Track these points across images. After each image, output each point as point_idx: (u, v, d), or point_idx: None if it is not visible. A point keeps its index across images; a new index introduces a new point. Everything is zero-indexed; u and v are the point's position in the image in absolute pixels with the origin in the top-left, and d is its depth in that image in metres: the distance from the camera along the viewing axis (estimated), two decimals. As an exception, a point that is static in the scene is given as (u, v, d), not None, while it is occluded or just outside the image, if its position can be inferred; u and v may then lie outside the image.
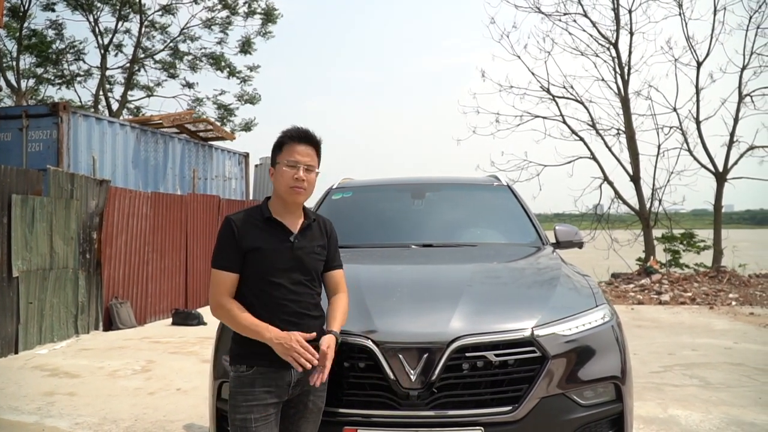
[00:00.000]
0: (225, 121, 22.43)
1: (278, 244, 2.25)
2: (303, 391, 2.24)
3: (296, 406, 2.26)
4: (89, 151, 9.98)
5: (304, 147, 2.28)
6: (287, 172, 2.25)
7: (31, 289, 7.31)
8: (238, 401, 2.19)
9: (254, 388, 2.18)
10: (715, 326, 8.50)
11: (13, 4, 19.29)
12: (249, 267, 2.23)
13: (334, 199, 4.40)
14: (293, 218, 2.33)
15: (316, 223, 2.39)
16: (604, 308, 2.76)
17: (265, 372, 2.18)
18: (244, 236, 2.23)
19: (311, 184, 2.30)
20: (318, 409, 2.30)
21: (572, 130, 15.37)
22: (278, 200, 2.33)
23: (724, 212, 15.12)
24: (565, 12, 15.18)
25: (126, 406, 4.94)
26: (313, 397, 2.27)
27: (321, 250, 2.35)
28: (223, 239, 2.25)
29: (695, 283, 12.55)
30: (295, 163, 2.25)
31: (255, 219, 2.29)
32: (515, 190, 4.40)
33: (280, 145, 2.31)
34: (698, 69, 14.50)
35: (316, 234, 2.36)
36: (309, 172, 2.28)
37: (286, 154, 2.28)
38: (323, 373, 2.17)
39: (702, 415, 4.53)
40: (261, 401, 2.17)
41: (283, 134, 2.33)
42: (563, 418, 2.47)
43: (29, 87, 20.98)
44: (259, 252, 2.22)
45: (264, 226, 2.28)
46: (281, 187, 2.28)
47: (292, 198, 2.28)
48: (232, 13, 21.63)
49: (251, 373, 2.19)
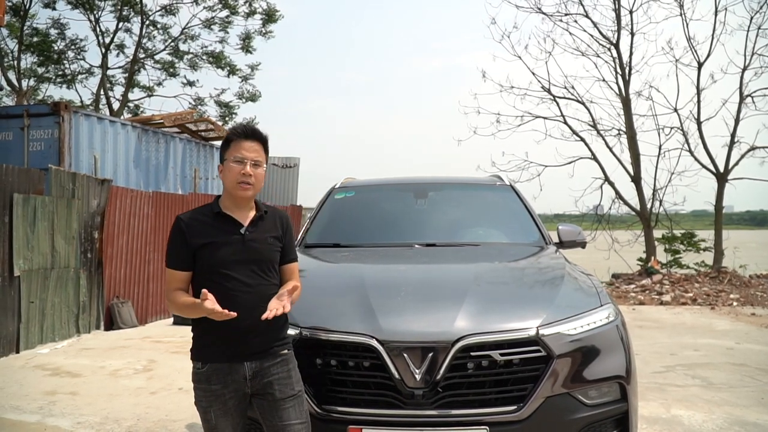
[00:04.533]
0: (226, 120, 22.44)
1: (228, 236, 2.28)
2: (265, 382, 2.26)
3: (265, 398, 2.28)
4: (91, 151, 9.97)
5: (250, 143, 2.32)
6: (234, 168, 2.30)
7: (33, 288, 7.30)
8: (198, 396, 2.29)
9: (210, 384, 2.25)
10: (716, 327, 8.50)
11: (15, 3, 19.29)
12: (202, 261, 2.27)
13: (336, 199, 4.40)
14: (243, 212, 2.35)
15: (269, 215, 2.41)
16: (608, 308, 2.75)
17: (219, 367, 2.24)
18: (193, 234, 2.27)
19: (259, 179, 2.33)
20: (291, 396, 2.28)
21: (573, 131, 15.38)
22: (228, 196, 2.36)
23: (725, 213, 15.12)
24: (566, 12, 15.20)
25: (128, 405, 4.93)
26: (278, 386, 2.27)
27: (274, 240, 2.36)
28: (172, 238, 2.31)
29: (696, 283, 12.55)
30: (242, 158, 2.29)
31: (204, 216, 2.34)
32: (518, 190, 4.40)
33: (227, 142, 2.36)
34: (699, 69, 14.51)
35: (269, 225, 2.38)
36: (256, 167, 2.32)
37: (233, 151, 2.32)
38: (278, 309, 2.16)
39: (705, 415, 4.52)
40: (218, 395, 2.24)
41: (229, 131, 2.40)
42: (568, 417, 2.46)
43: (30, 86, 20.96)
44: (209, 246, 2.25)
45: (213, 221, 2.31)
46: (229, 183, 2.32)
47: (240, 193, 2.31)
48: (233, 13, 21.64)
49: (206, 370, 2.25)
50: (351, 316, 2.55)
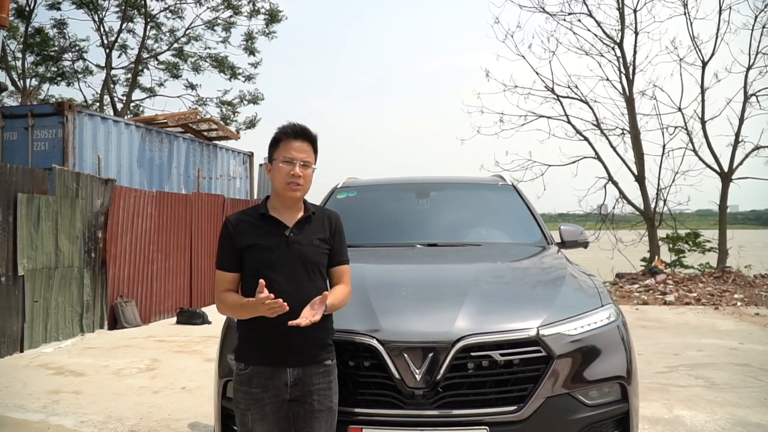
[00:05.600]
0: (229, 121, 22.46)
1: (273, 239, 2.26)
2: (306, 391, 2.24)
3: (303, 406, 2.26)
4: (94, 151, 10.00)
5: (300, 143, 2.28)
6: (283, 169, 2.26)
7: (37, 287, 7.33)
8: (237, 397, 2.28)
9: (251, 387, 2.24)
10: (720, 327, 8.47)
11: (20, 4, 19.35)
12: (247, 264, 2.26)
13: (338, 199, 4.40)
14: (291, 213, 2.33)
15: (317, 216, 2.37)
16: (609, 308, 2.75)
17: (262, 371, 2.23)
18: (240, 235, 2.27)
19: (308, 180, 2.31)
20: (327, 408, 2.28)
21: (577, 130, 15.34)
22: (276, 197, 2.34)
23: (730, 212, 15.07)
24: (570, 12, 15.16)
25: (131, 404, 4.95)
26: (317, 397, 2.25)
27: (321, 242, 2.32)
28: (222, 240, 2.32)
29: (700, 283, 12.51)
30: (291, 159, 2.26)
31: (251, 217, 2.33)
32: (520, 190, 4.39)
33: (276, 142, 2.32)
34: (703, 69, 14.46)
35: (316, 227, 2.34)
36: (305, 168, 2.29)
37: (282, 151, 2.28)
38: (308, 318, 2.09)
39: (707, 415, 4.51)
40: (257, 399, 2.23)
41: (279, 131, 2.33)
42: (568, 417, 2.46)
43: (32, 86, 21.03)
44: (254, 248, 2.25)
45: (259, 223, 2.30)
46: (278, 183, 2.29)
47: (289, 194, 2.28)
48: (236, 13, 21.66)
49: (248, 372, 2.25)
50: (351, 315, 2.55)
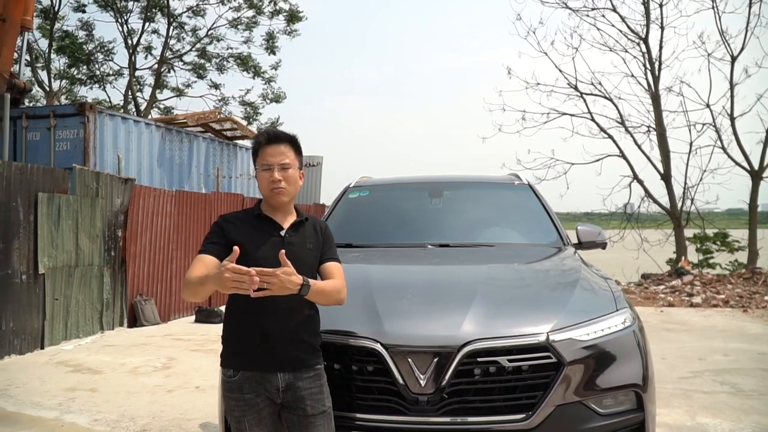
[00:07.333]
0: (251, 120, 22.63)
1: (267, 237, 2.25)
2: (297, 396, 2.19)
3: (296, 413, 2.20)
4: (115, 150, 10.12)
5: (274, 147, 2.28)
6: (264, 176, 2.28)
7: (57, 285, 7.43)
8: (229, 405, 2.22)
9: (243, 394, 2.18)
10: (748, 330, 8.19)
11: (45, 5, 19.75)
12: (239, 262, 2.16)
13: (350, 198, 4.34)
14: (284, 216, 2.34)
15: (309, 222, 2.38)
16: (624, 312, 2.63)
17: (251, 376, 2.17)
18: (233, 229, 2.25)
19: (291, 181, 2.28)
20: (322, 413, 2.22)
21: (601, 128, 15.08)
22: (266, 203, 2.36)
23: (761, 211, 14.64)
24: (593, 7, 14.89)
25: (144, 403, 4.97)
26: (310, 402, 2.19)
27: (314, 247, 2.33)
28: (212, 231, 2.30)
29: (729, 284, 12.16)
30: (268, 165, 2.27)
31: (246, 216, 2.34)
32: (536, 189, 4.27)
33: (254, 152, 2.34)
34: (732, 64, 14.06)
35: (309, 232, 2.35)
36: (285, 170, 2.27)
37: (260, 159, 2.31)
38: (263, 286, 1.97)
39: (732, 423, 4.33)
40: (252, 404, 2.18)
41: (254, 140, 2.38)
42: (580, 427, 2.36)
43: (62, 87, 21.45)
44: (248, 245, 2.19)
45: (254, 222, 2.31)
46: (263, 191, 2.31)
47: (275, 199, 2.28)
48: (258, 13, 21.82)
49: (237, 378, 2.19)
50: (355, 318, 2.49)
